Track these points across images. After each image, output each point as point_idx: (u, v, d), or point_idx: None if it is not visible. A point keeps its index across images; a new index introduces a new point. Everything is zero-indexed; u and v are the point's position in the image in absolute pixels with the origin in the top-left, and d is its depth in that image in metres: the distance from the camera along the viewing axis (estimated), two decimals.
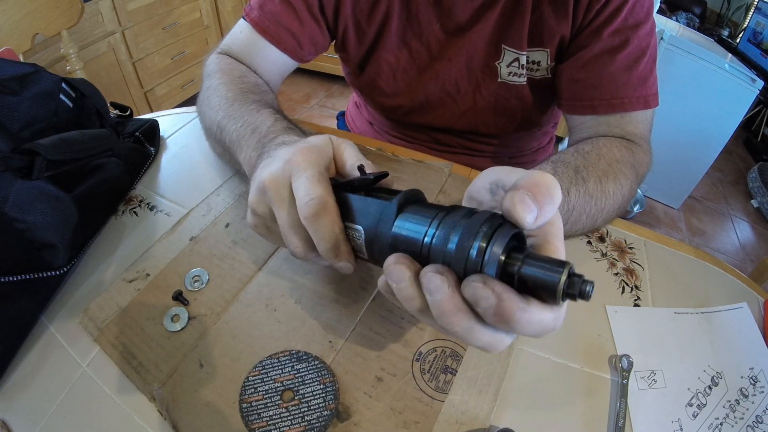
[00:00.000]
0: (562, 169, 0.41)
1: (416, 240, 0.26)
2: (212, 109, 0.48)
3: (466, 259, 0.23)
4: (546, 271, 0.22)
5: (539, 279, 0.22)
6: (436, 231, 0.25)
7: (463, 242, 0.23)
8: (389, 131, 0.76)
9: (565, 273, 0.22)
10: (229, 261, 0.45)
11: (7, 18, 0.97)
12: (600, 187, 0.42)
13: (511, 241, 0.24)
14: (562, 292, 0.22)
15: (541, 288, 0.22)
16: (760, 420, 0.37)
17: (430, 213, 0.27)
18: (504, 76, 0.57)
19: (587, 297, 0.22)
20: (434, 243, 0.25)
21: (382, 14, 0.56)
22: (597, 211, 0.42)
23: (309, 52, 0.60)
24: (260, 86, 0.53)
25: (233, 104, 0.46)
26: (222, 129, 0.45)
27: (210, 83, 0.52)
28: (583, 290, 0.22)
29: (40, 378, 0.37)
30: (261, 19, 0.56)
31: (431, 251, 0.25)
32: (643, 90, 0.50)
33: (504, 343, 0.24)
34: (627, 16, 0.48)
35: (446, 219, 0.25)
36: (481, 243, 0.23)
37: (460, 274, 0.23)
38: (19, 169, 0.40)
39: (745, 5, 2.43)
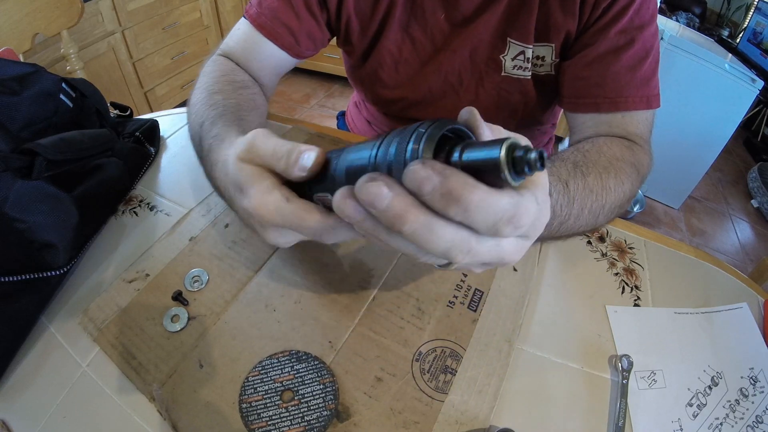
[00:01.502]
0: (560, 164, 0.41)
1: (364, 166, 0.24)
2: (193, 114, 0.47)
3: (403, 161, 0.21)
4: (485, 149, 0.20)
5: (480, 160, 0.20)
6: (378, 150, 0.23)
7: (399, 147, 0.22)
8: (388, 130, 0.75)
9: (504, 146, 0.19)
10: (228, 261, 0.45)
11: (7, 18, 0.97)
12: (601, 182, 0.42)
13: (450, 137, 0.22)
14: (507, 166, 0.19)
15: (485, 170, 0.20)
16: (760, 420, 0.37)
17: (376, 138, 0.25)
18: (508, 70, 0.57)
19: (535, 166, 0.19)
20: (377, 161, 0.23)
21: (386, 4, 0.56)
22: (599, 206, 0.42)
23: (306, 48, 0.59)
24: (236, 83, 0.51)
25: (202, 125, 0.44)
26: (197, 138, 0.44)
27: (197, 86, 0.51)
28: (529, 159, 0.19)
29: (40, 378, 0.37)
30: (259, 15, 0.56)
31: (376, 167, 0.23)
32: (646, 90, 0.50)
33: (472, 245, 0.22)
34: (633, 17, 0.48)
35: (387, 137, 0.24)
36: (414, 145, 0.21)
37: (401, 172, 0.21)
38: (19, 169, 0.40)
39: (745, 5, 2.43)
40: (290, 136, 0.63)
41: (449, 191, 0.19)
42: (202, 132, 0.43)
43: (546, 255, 0.48)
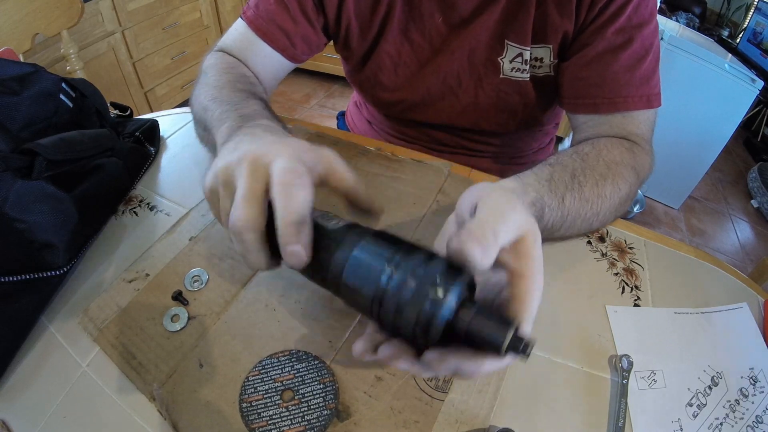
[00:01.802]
0: (560, 174, 0.41)
1: (374, 279, 0.27)
2: (201, 95, 0.49)
3: (420, 308, 0.25)
4: (491, 331, 0.25)
5: (486, 337, 0.25)
6: (394, 272, 0.26)
7: (418, 290, 0.25)
8: (388, 130, 0.75)
9: (509, 335, 0.25)
10: (228, 261, 0.45)
11: (7, 18, 0.97)
12: (597, 191, 0.42)
13: (462, 292, 0.26)
14: (504, 350, 0.25)
15: (487, 345, 0.25)
16: (760, 420, 0.37)
17: (388, 250, 0.28)
18: (506, 72, 0.57)
19: (527, 355, 0.25)
20: (391, 285, 0.26)
21: (384, 7, 0.56)
22: (593, 214, 0.42)
23: (302, 51, 0.60)
24: (249, 78, 0.53)
25: (222, 90, 0.47)
26: (206, 110, 0.45)
27: (203, 78, 0.52)
28: (525, 350, 0.25)
29: (40, 378, 0.37)
30: (256, 18, 0.57)
31: (387, 293, 0.26)
32: (646, 89, 0.50)
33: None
34: (631, 15, 0.48)
35: (405, 260, 0.27)
36: (434, 295, 0.25)
37: (412, 320, 0.26)
38: (19, 169, 0.40)
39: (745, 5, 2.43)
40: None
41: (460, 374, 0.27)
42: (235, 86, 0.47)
43: (546, 255, 0.48)
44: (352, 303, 0.30)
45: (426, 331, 0.26)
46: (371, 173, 0.57)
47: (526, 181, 0.37)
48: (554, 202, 0.38)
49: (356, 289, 0.28)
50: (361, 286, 0.27)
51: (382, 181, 0.56)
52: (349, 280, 0.28)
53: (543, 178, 0.39)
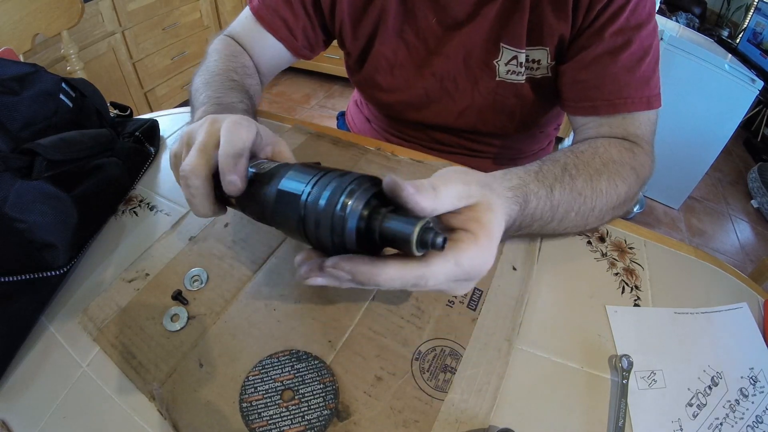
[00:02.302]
0: (549, 166, 0.41)
1: (296, 195, 0.28)
2: (198, 77, 0.53)
3: (332, 214, 0.26)
4: (403, 224, 0.25)
5: (396, 233, 0.25)
6: (312, 189, 0.28)
7: (330, 199, 0.26)
8: (388, 129, 0.76)
9: (418, 227, 0.24)
10: (228, 261, 0.45)
11: (7, 18, 0.97)
12: (590, 185, 0.42)
13: (375, 198, 0.27)
14: (415, 244, 0.25)
15: (400, 242, 0.25)
16: (760, 420, 0.37)
17: (311, 172, 0.29)
18: (502, 75, 0.57)
19: (439, 247, 0.25)
20: (309, 200, 0.27)
21: (378, 8, 0.57)
22: (588, 209, 0.42)
23: (303, 45, 0.62)
24: (247, 68, 0.57)
25: (215, 76, 0.51)
26: (197, 91, 0.50)
27: (205, 61, 0.56)
28: (435, 241, 0.25)
29: (40, 378, 0.37)
30: (260, 8, 0.59)
31: (306, 208, 0.27)
32: (646, 90, 0.50)
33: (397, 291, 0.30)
34: (629, 17, 0.48)
35: (323, 178, 0.28)
36: (345, 199, 0.26)
37: (328, 228, 0.26)
38: (19, 169, 0.40)
39: (745, 5, 2.43)
40: (290, 135, 0.63)
41: (360, 281, 0.26)
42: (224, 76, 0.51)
43: (546, 255, 0.48)
44: (287, 230, 0.31)
45: (341, 238, 0.26)
46: (370, 173, 0.57)
47: (512, 171, 0.39)
48: (542, 190, 0.39)
49: (284, 213, 0.29)
50: (287, 209, 0.29)
51: None
52: (279, 207, 0.30)
53: (531, 170, 0.40)
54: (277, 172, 0.32)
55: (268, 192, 0.31)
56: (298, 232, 0.29)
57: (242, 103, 0.47)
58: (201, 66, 0.56)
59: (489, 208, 0.30)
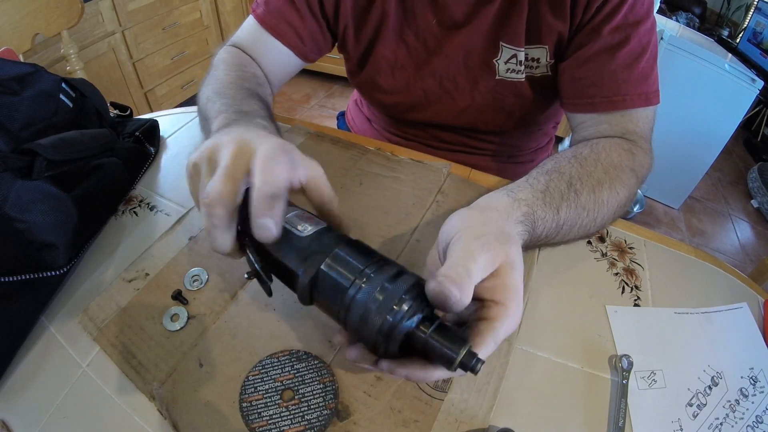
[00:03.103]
0: (555, 184, 0.41)
1: (344, 287, 0.29)
2: (208, 87, 0.50)
3: (383, 319, 0.27)
4: (446, 347, 0.27)
5: (441, 354, 0.27)
6: (363, 284, 0.29)
7: (384, 304, 0.28)
8: (388, 128, 0.76)
9: (461, 353, 0.27)
10: (228, 260, 0.45)
11: (7, 18, 0.97)
12: (593, 197, 0.42)
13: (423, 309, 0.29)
14: (456, 366, 0.27)
15: (440, 359, 0.28)
16: (760, 420, 0.37)
17: (360, 261, 0.30)
18: (502, 73, 0.57)
19: (476, 373, 0.27)
20: (359, 296, 0.28)
21: (379, 11, 0.57)
22: (590, 221, 0.43)
23: (311, 49, 0.60)
24: (258, 78, 0.54)
25: (227, 86, 0.48)
26: (209, 101, 0.46)
27: (213, 72, 0.53)
28: (474, 367, 0.27)
29: (40, 378, 0.37)
30: (265, 15, 0.57)
31: (354, 302, 0.28)
32: (644, 87, 0.50)
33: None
34: (627, 14, 0.48)
35: (374, 275, 0.29)
36: (396, 307, 0.27)
37: (375, 330, 0.28)
38: (19, 169, 0.40)
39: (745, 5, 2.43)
40: (290, 135, 0.63)
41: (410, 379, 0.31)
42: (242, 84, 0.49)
43: (546, 255, 0.48)
44: (322, 307, 0.32)
45: (386, 342, 0.28)
46: (371, 173, 0.57)
47: (519, 197, 0.38)
48: (548, 214, 0.38)
49: (326, 296, 0.30)
50: (331, 294, 0.29)
51: (382, 181, 0.56)
52: (320, 287, 0.30)
53: (538, 189, 0.39)
54: (318, 242, 0.31)
55: (308, 264, 0.30)
56: (334, 315, 0.31)
57: (262, 110, 0.44)
58: (208, 77, 0.53)
59: (511, 266, 0.31)
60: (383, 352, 0.29)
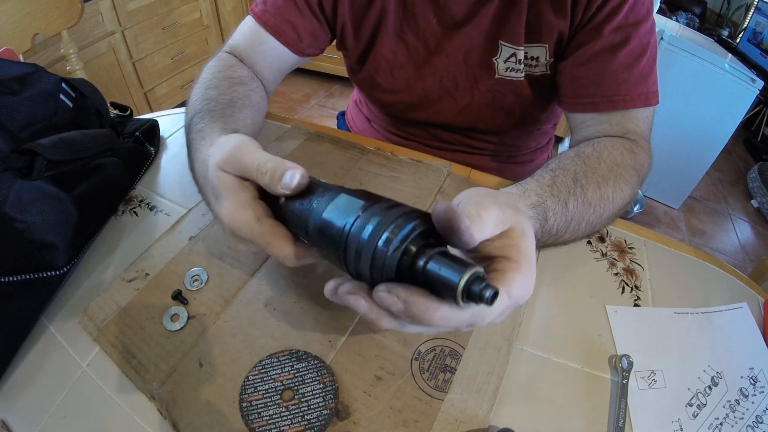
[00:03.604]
0: (562, 178, 0.41)
1: (338, 232, 0.26)
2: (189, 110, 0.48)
3: (374, 248, 0.24)
4: (449, 270, 0.23)
5: (440, 278, 0.23)
6: (356, 220, 0.26)
7: (375, 231, 0.24)
8: (388, 128, 0.76)
9: (465, 277, 0.22)
10: (228, 260, 0.45)
11: (7, 18, 0.97)
12: (599, 193, 0.42)
13: (422, 236, 0.25)
14: (461, 294, 0.22)
15: (443, 288, 0.23)
16: (760, 420, 0.37)
17: (359, 201, 0.27)
18: (501, 72, 0.57)
19: (488, 302, 0.22)
20: (352, 231, 0.26)
21: (378, 10, 0.57)
22: (596, 217, 0.42)
23: (309, 45, 0.60)
24: (233, 79, 0.52)
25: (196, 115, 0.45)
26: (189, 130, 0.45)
27: (195, 87, 0.51)
28: (483, 294, 0.22)
29: (40, 378, 0.37)
30: (263, 13, 0.57)
31: (349, 238, 0.26)
32: (644, 87, 0.50)
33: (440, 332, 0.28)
34: (628, 14, 0.48)
35: (370, 209, 0.26)
36: (389, 234, 0.24)
37: (368, 264, 0.25)
38: (19, 169, 0.40)
39: (745, 5, 2.43)
40: (290, 135, 0.63)
41: (413, 315, 0.23)
42: (192, 125, 0.43)
43: (546, 255, 0.48)
44: (328, 256, 0.29)
45: (381, 272, 0.25)
46: (371, 173, 0.57)
47: (528, 187, 0.38)
48: (558, 206, 0.38)
49: (327, 238, 0.28)
50: (329, 233, 0.27)
51: (382, 180, 0.56)
52: (321, 227, 0.28)
53: (545, 183, 0.39)
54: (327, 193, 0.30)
55: (315, 213, 0.29)
56: (338, 260, 0.28)
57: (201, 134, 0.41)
58: (192, 92, 0.51)
59: (523, 232, 0.29)
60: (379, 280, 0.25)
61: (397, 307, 0.24)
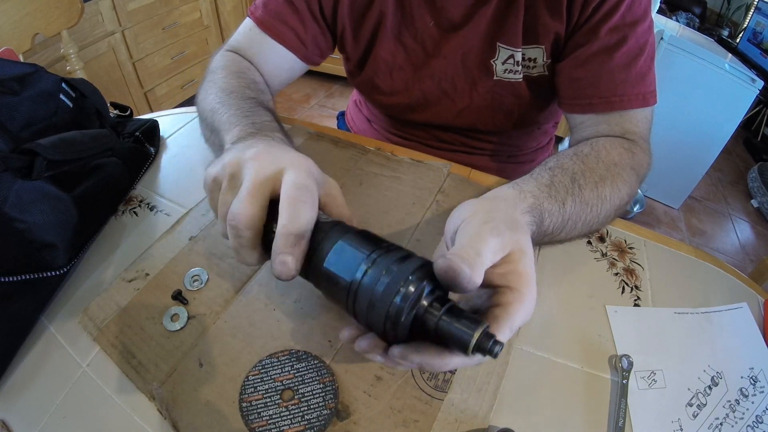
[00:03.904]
0: (559, 178, 0.41)
1: (351, 272, 0.28)
2: (210, 95, 0.49)
3: (390, 303, 0.26)
4: (460, 330, 0.25)
5: (453, 337, 0.26)
6: (369, 268, 0.27)
7: (390, 287, 0.26)
8: (388, 129, 0.76)
9: (475, 336, 0.25)
10: (228, 260, 0.45)
11: (7, 18, 0.97)
12: (596, 193, 0.42)
13: (431, 291, 0.27)
14: (472, 349, 0.25)
15: (455, 343, 0.26)
16: (760, 420, 0.37)
17: (368, 247, 0.29)
18: (499, 74, 0.57)
19: (495, 356, 0.25)
20: (365, 281, 0.27)
21: (376, 13, 0.57)
22: (593, 217, 0.42)
23: (313, 52, 0.60)
24: (258, 84, 0.53)
25: (230, 94, 0.47)
26: (215, 112, 0.46)
27: (212, 77, 0.53)
28: (492, 349, 0.25)
29: (40, 378, 0.37)
30: (265, 18, 0.57)
31: (361, 287, 0.27)
32: (642, 87, 0.50)
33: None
34: (624, 14, 0.48)
35: (380, 259, 0.27)
36: (404, 290, 0.26)
37: (383, 314, 0.26)
38: (19, 169, 0.40)
39: (745, 5, 2.43)
40: (290, 135, 0.63)
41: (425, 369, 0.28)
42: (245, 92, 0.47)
43: (546, 254, 0.48)
44: (330, 295, 0.30)
45: (395, 326, 0.26)
46: (371, 173, 0.57)
47: (525, 188, 0.38)
48: (555, 207, 0.38)
49: (334, 282, 0.29)
50: (338, 279, 0.28)
51: (382, 181, 0.56)
52: (329, 272, 0.29)
53: (543, 183, 0.39)
54: (332, 230, 0.30)
55: (320, 251, 0.29)
56: (342, 303, 0.29)
57: (273, 122, 0.44)
58: (206, 83, 0.52)
59: (522, 252, 0.30)
60: (393, 337, 0.27)
61: (413, 366, 0.27)
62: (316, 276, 0.30)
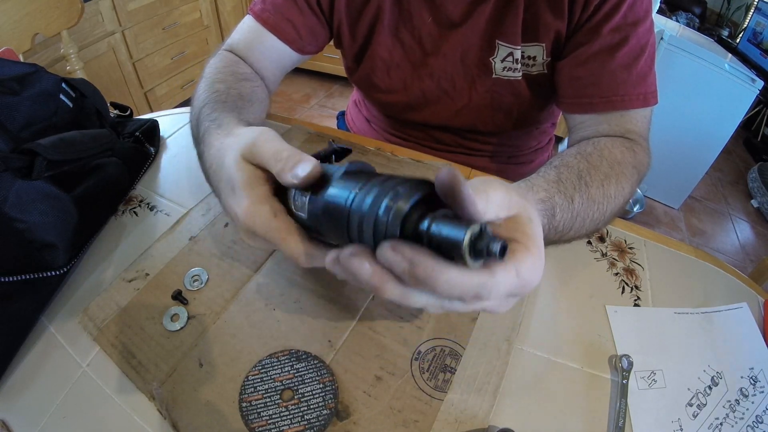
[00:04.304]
0: (567, 175, 0.41)
1: (341, 206, 0.26)
2: (195, 104, 0.48)
3: (375, 217, 0.23)
4: (452, 228, 0.21)
5: (445, 237, 0.21)
6: (357, 195, 0.25)
7: (374, 201, 0.24)
8: (387, 129, 0.76)
9: (470, 231, 0.21)
10: (228, 260, 0.45)
11: (7, 18, 0.97)
12: (602, 191, 0.42)
13: (423, 202, 0.24)
14: (468, 250, 0.21)
15: (449, 247, 0.21)
16: (760, 420, 0.37)
17: (360, 179, 0.26)
18: (498, 72, 0.57)
19: (496, 255, 0.21)
20: (353, 206, 0.25)
21: (374, 9, 0.57)
22: (600, 214, 0.42)
23: (309, 43, 0.60)
24: (238, 74, 0.52)
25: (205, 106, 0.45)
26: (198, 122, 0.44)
27: (200, 84, 0.51)
28: (490, 248, 0.20)
29: (40, 378, 0.37)
30: (263, 11, 0.57)
31: (351, 214, 0.25)
32: (643, 88, 0.50)
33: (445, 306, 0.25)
34: (626, 14, 0.48)
35: (369, 183, 0.25)
36: (389, 202, 0.23)
37: (370, 233, 0.24)
38: (19, 169, 0.40)
39: (745, 5, 2.43)
40: (290, 135, 0.63)
41: (417, 275, 0.22)
42: (201, 115, 0.43)
43: (546, 255, 0.48)
44: (334, 237, 0.29)
45: (384, 236, 0.23)
46: None
47: (535, 183, 0.38)
48: (565, 202, 0.38)
49: (329, 218, 0.27)
50: (333, 214, 0.27)
51: None
52: (325, 208, 0.27)
53: (551, 179, 0.39)
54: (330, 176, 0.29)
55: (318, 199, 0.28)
56: (338, 236, 0.27)
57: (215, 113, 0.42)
58: (196, 88, 0.51)
59: (530, 219, 0.28)
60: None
61: (402, 267, 0.22)
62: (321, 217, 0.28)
